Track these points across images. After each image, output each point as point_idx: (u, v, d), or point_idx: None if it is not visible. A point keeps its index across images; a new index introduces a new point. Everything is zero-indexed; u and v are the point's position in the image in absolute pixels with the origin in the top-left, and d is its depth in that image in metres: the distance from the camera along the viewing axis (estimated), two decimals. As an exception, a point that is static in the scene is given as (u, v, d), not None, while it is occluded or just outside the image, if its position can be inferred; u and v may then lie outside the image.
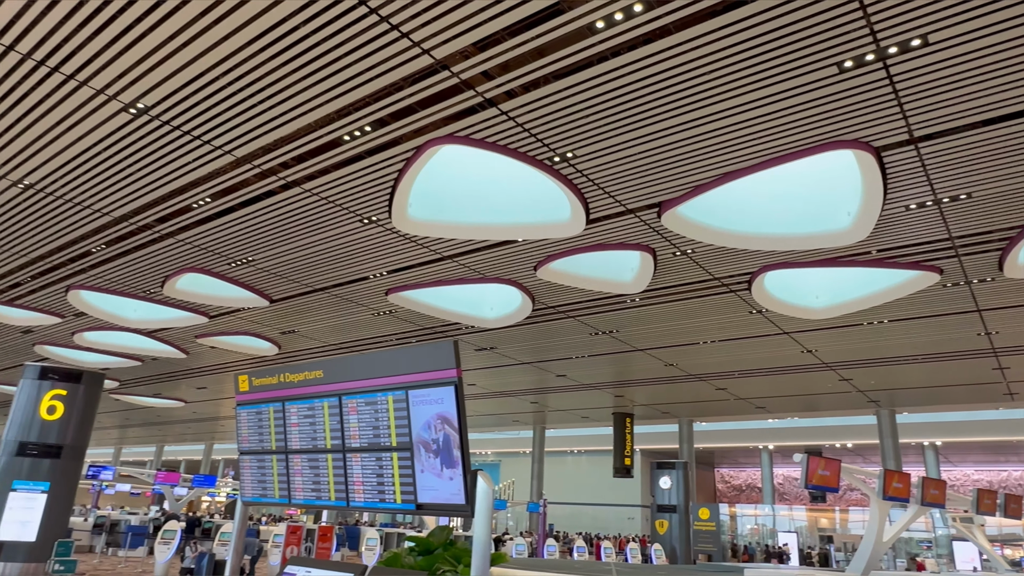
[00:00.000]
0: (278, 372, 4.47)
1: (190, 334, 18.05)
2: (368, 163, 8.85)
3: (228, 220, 10.93)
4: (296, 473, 4.30)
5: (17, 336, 19.34)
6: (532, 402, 27.56)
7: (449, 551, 5.34)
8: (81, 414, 10.41)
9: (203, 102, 7.80)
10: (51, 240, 12.27)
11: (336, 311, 15.53)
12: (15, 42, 6.93)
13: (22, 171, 9.74)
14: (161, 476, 26.88)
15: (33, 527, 9.94)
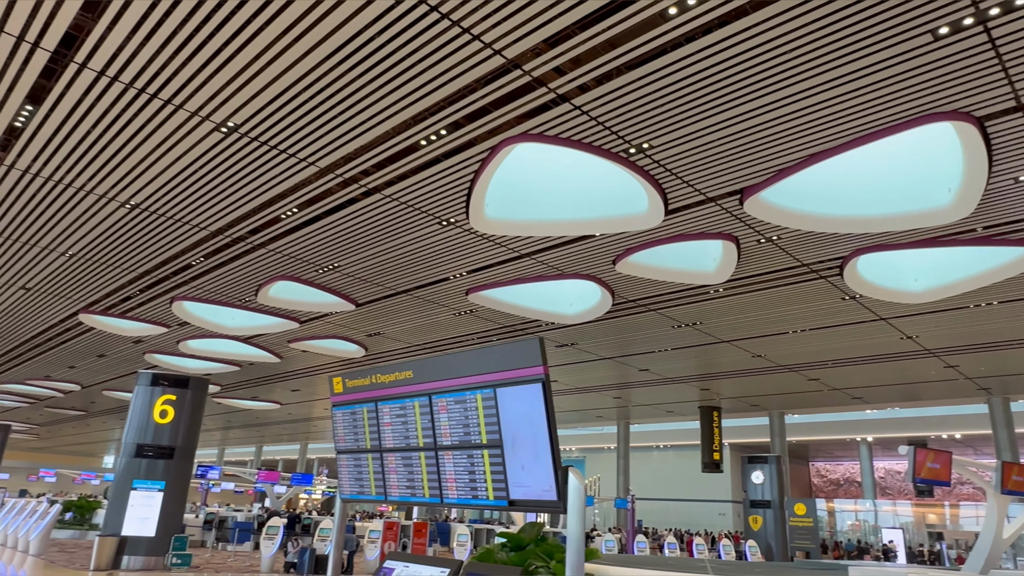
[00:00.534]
0: (370, 373, 4.63)
1: (283, 339, 18.90)
2: (444, 166, 9.00)
3: (314, 229, 11.37)
4: (391, 471, 4.45)
5: (129, 346, 20.79)
6: (615, 397, 27.32)
7: (540, 547, 5.37)
8: (189, 417, 11.13)
9: (287, 117, 8.15)
10: (156, 255, 13.12)
11: (419, 312, 15.88)
12: (119, 72, 7.45)
13: (128, 192, 10.46)
14: (262, 475, 28.29)
15: (152, 523, 10.71)
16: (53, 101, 8.07)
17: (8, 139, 9.03)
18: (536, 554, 5.20)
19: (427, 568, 4.08)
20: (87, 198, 10.72)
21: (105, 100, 8.00)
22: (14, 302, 16.81)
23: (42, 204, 11.04)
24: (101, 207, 11.03)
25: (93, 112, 8.27)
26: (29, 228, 12.08)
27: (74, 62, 7.30)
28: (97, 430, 47.54)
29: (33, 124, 8.61)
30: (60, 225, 11.87)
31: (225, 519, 16.38)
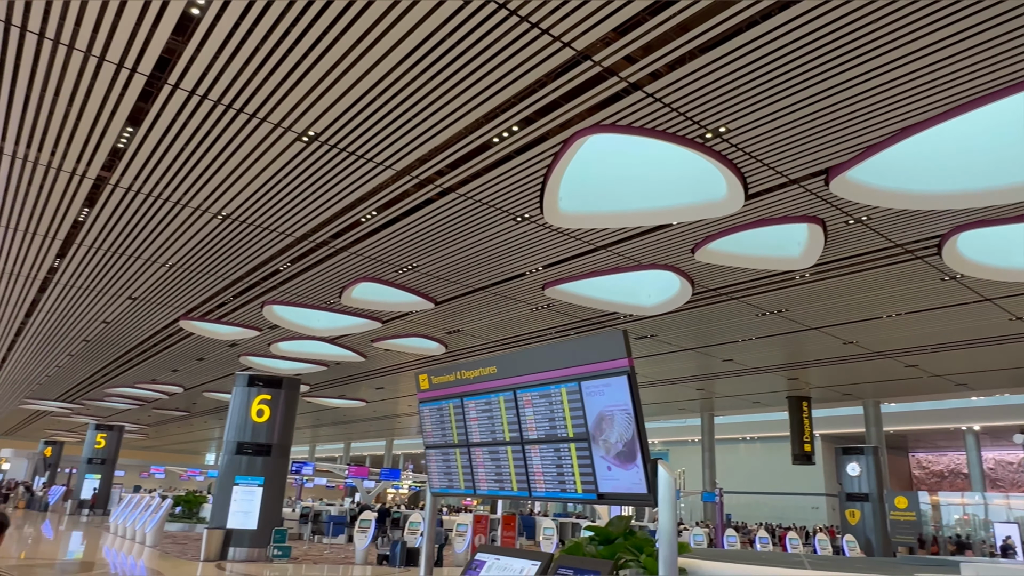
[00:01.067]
0: (455, 370, 4.72)
1: (366, 339, 19.48)
2: (517, 162, 9.04)
3: (393, 230, 11.66)
4: (479, 465, 4.52)
5: (225, 349, 21.94)
6: (698, 389, 26.73)
7: (629, 540, 5.33)
8: (284, 416, 11.68)
9: (363, 123, 8.38)
10: (246, 262, 13.79)
11: (496, 308, 16.03)
12: (208, 90, 7.86)
13: (220, 204, 11.03)
14: (352, 470, 29.35)
15: (253, 516, 11.30)
16: (150, 122, 8.61)
17: (112, 160, 9.70)
18: (625, 548, 5.17)
19: (518, 561, 4.12)
20: (183, 211, 11.38)
21: (196, 117, 8.46)
22: (123, 312, 18.05)
23: (144, 219, 11.79)
24: (195, 219, 11.68)
25: (186, 130, 8.77)
26: (133, 242, 12.93)
27: (168, 83, 7.76)
28: (199, 429, 50.48)
29: (134, 144, 9.21)
30: (160, 238, 12.65)
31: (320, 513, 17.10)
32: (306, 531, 16.28)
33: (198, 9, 6.51)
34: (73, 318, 19.03)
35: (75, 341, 21.98)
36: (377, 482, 29.87)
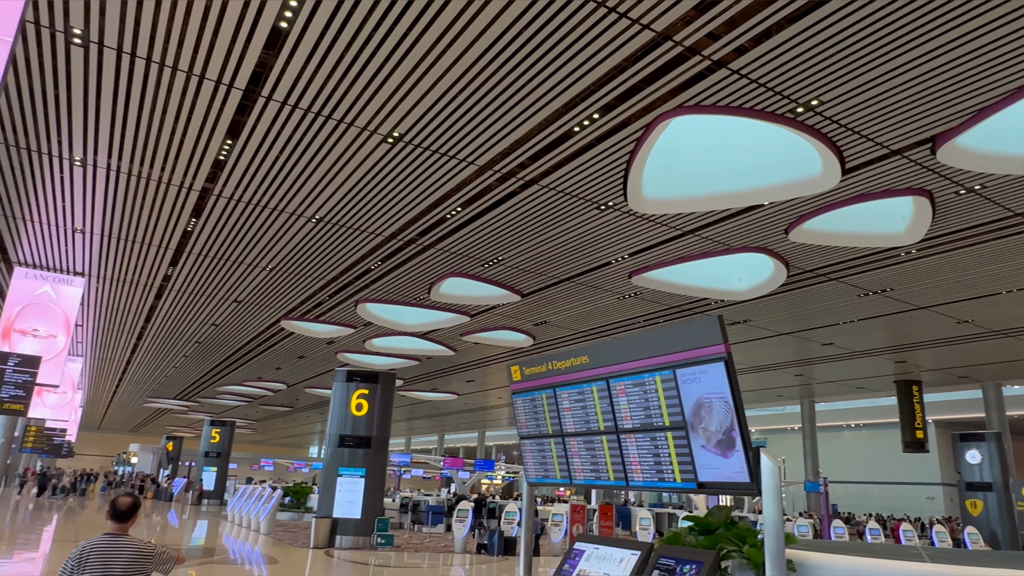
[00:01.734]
0: (546, 360, 4.74)
1: (456, 333, 19.86)
2: (599, 150, 8.95)
3: (477, 225, 11.81)
4: (574, 455, 4.53)
5: (323, 347, 22.94)
6: (796, 375, 25.67)
7: (731, 531, 5.20)
8: (381, 409, 12.10)
9: (445, 121, 8.53)
10: (340, 263, 14.34)
11: (583, 299, 15.96)
12: (298, 100, 8.22)
13: (313, 208, 11.52)
14: (448, 462, 30.04)
15: (357, 506, 11.80)
16: (247, 133, 9.09)
17: (215, 172, 10.31)
18: (727, 538, 5.05)
19: (617, 550, 4.11)
20: (280, 217, 11.96)
21: (288, 126, 8.86)
22: (230, 314, 19.18)
23: (245, 226, 12.48)
24: (292, 223, 12.25)
25: (280, 139, 9.21)
26: (236, 248, 13.71)
27: (261, 96, 8.16)
28: (302, 424, 53.05)
29: (233, 156, 9.75)
30: (260, 243, 13.35)
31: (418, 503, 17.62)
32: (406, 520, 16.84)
33: (286, 23, 6.81)
34: (186, 322, 20.40)
35: (189, 343, 23.57)
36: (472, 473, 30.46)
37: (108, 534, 3.03)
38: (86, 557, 2.91)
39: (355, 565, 9.60)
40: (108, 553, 2.89)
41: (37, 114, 8.92)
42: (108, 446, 66.08)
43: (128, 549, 2.96)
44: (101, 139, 9.45)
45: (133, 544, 3.01)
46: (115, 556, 2.90)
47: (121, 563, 2.89)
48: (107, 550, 2.89)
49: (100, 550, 2.91)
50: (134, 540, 3.05)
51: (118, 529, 3.03)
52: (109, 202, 11.66)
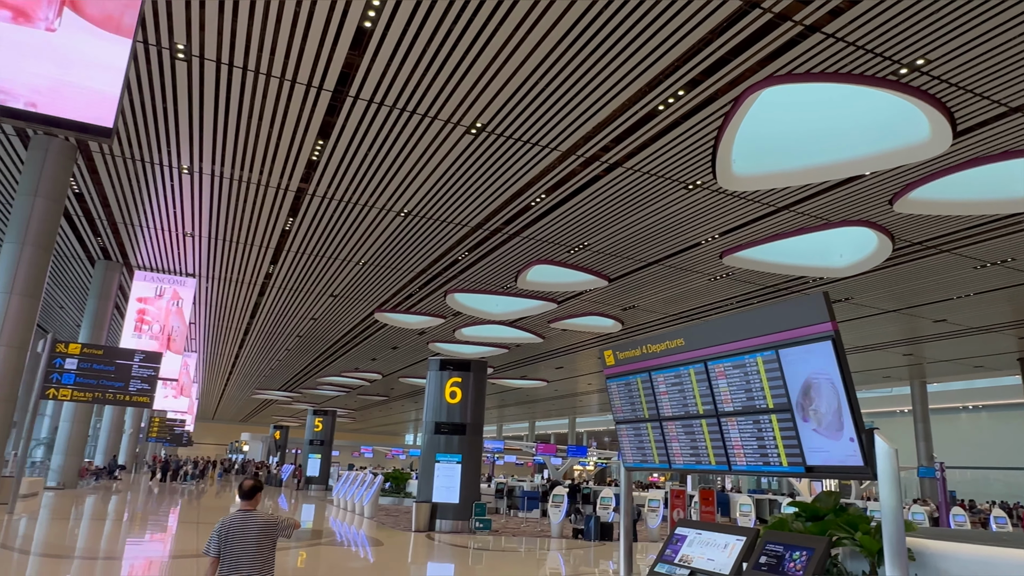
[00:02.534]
0: (640, 344, 4.67)
1: (543, 320, 19.92)
2: (685, 128, 8.71)
3: (562, 211, 11.77)
4: (672, 439, 4.45)
5: (415, 337, 23.57)
6: (905, 354, 24.18)
7: (841, 517, 4.97)
8: (474, 397, 12.33)
9: (526, 108, 8.52)
10: (428, 255, 14.66)
11: (671, 281, 15.64)
12: (383, 97, 8.43)
13: (401, 202, 11.81)
14: (541, 448, 30.28)
15: (455, 491, 12.11)
16: (337, 133, 9.41)
17: (309, 172, 10.75)
18: (837, 525, 4.84)
19: (721, 536, 4.01)
20: (370, 212, 12.34)
21: (375, 124, 9.12)
22: (327, 308, 20.02)
23: (337, 222, 12.96)
24: (381, 219, 12.62)
25: (368, 136, 9.48)
26: (331, 244, 14.27)
27: (349, 96, 8.43)
28: (397, 412, 54.80)
29: (325, 156, 10.14)
30: (353, 239, 13.84)
31: (513, 488, 17.87)
32: (501, 505, 17.13)
33: (370, 22, 6.99)
34: (287, 316, 21.46)
35: (290, 337, 24.79)
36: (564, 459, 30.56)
37: (240, 510, 3.78)
38: (226, 529, 3.69)
39: (456, 548, 9.85)
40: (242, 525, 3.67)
41: (149, 127, 9.58)
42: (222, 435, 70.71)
43: (256, 521, 3.72)
44: (205, 147, 10.04)
45: (260, 516, 3.76)
46: (247, 527, 3.67)
47: (253, 532, 3.66)
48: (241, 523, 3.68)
49: (236, 523, 3.72)
50: (260, 513, 3.79)
51: (247, 506, 3.79)
52: (214, 206, 12.39)
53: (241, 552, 3.56)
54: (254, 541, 3.61)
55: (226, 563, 3.54)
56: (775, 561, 3.57)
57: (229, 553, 3.57)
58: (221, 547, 3.64)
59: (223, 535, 3.65)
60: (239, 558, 3.55)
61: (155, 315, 16.35)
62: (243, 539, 3.60)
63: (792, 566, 3.49)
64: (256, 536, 3.62)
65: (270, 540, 3.67)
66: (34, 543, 7.90)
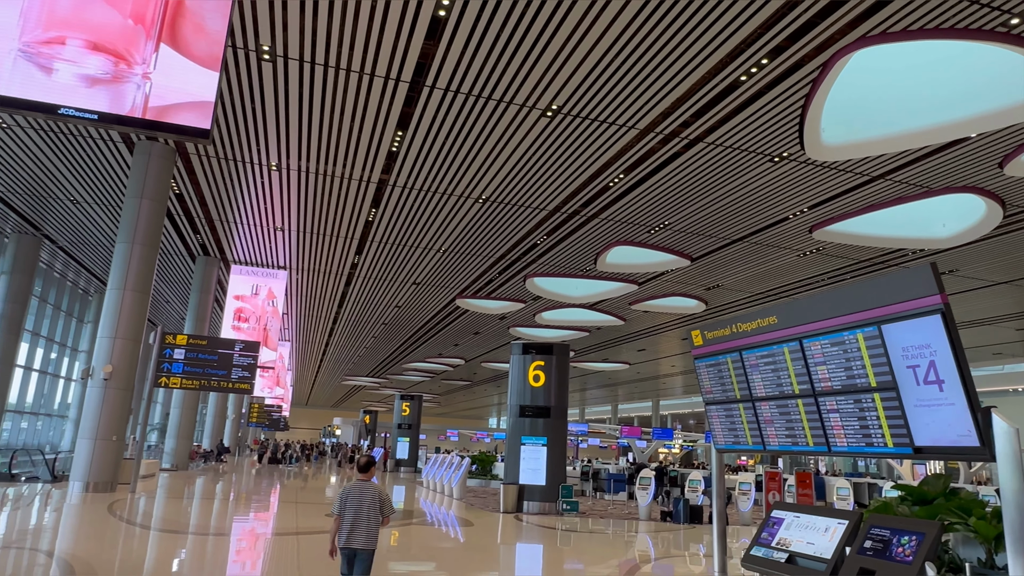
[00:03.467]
0: (730, 323, 4.53)
1: (624, 302, 19.71)
2: (770, 97, 8.35)
3: (641, 191, 11.57)
4: (766, 420, 4.31)
5: (496, 322, 23.83)
6: (1019, 329, 22.48)
7: (952, 502, 4.70)
8: (557, 380, 12.37)
9: (602, 87, 8.39)
10: (507, 240, 14.75)
11: (757, 259, 15.12)
12: (459, 85, 8.50)
13: (479, 189, 11.92)
14: (625, 430, 30.06)
15: (541, 473, 12.21)
16: (415, 123, 9.57)
17: (389, 163, 11.00)
18: (948, 509, 4.58)
19: (821, 519, 3.87)
20: (449, 200, 12.52)
21: (452, 112, 9.21)
22: (410, 296, 20.52)
23: (418, 211, 13.22)
24: (460, 206, 12.79)
25: (445, 125, 9.60)
26: (412, 233, 14.58)
27: (426, 85, 8.54)
28: (481, 396, 55.68)
29: (404, 146, 10.34)
30: (433, 227, 14.09)
31: (599, 471, 17.86)
32: (587, 488, 17.16)
33: (444, 11, 7.04)
34: (373, 305, 22.15)
35: (376, 325, 25.59)
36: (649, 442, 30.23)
37: (358, 480, 4.51)
38: (346, 494, 4.43)
39: (545, 529, 9.96)
40: (359, 492, 4.40)
41: (239, 128, 10.04)
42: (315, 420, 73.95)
43: (370, 490, 4.42)
44: (291, 144, 10.44)
45: (373, 487, 4.45)
46: (363, 494, 4.40)
47: (367, 499, 4.38)
48: (358, 491, 4.41)
49: (354, 490, 4.42)
50: (374, 485, 4.48)
51: (363, 478, 4.52)
52: (301, 200, 12.89)
53: (356, 513, 4.32)
54: (366, 506, 4.35)
55: (345, 521, 4.33)
56: (881, 546, 3.41)
57: (347, 513, 4.34)
58: (342, 508, 4.36)
59: (344, 499, 4.38)
60: (354, 518, 4.31)
61: (251, 311, 17.23)
62: (359, 503, 4.36)
63: (900, 551, 3.32)
64: (368, 502, 4.36)
65: (377, 508, 4.38)
66: (153, 519, 8.56)
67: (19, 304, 17.23)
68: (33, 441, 20.99)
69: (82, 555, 6.02)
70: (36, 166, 12.15)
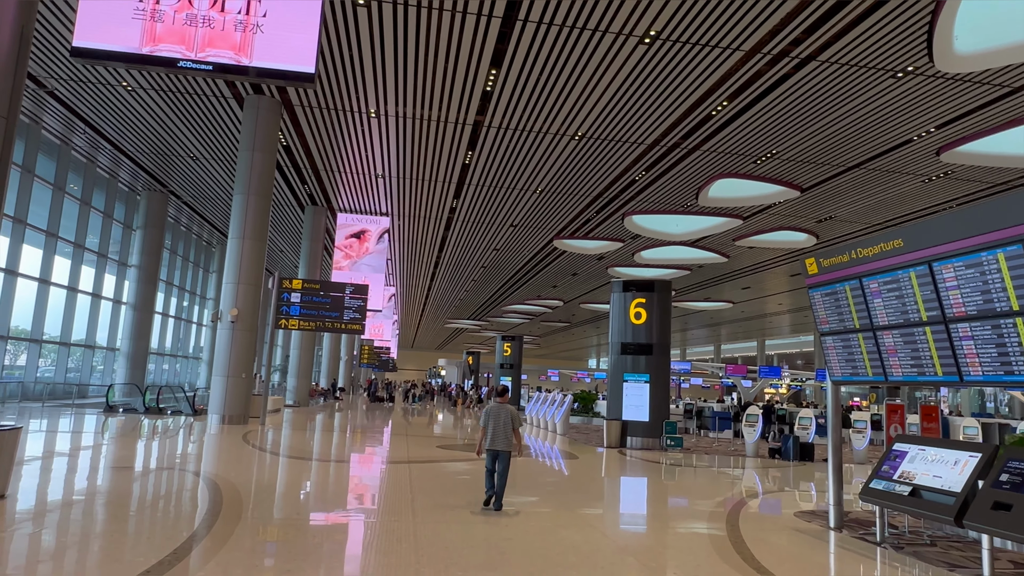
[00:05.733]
0: (848, 249, 4.26)
1: (727, 238, 19.02)
2: (893, 5, 7.60)
3: (747, 118, 10.97)
4: (889, 350, 4.05)
5: (594, 263, 23.69)
6: None
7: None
8: (659, 317, 12.21)
9: (703, 8, 7.91)
10: (604, 178, 14.47)
11: (876, 187, 14.09)
12: (552, 17, 8.25)
13: (574, 126, 11.69)
14: (730, 368, 29.50)
15: (644, 410, 12.23)
16: (509, 60, 9.44)
17: (484, 104, 10.96)
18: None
19: (949, 452, 3.64)
20: (544, 139, 12.38)
21: (546, 46, 9.00)
22: (508, 239, 20.69)
23: (514, 152, 13.17)
24: (556, 144, 12.61)
25: (539, 60, 9.40)
26: (508, 174, 14.58)
27: (518, 20, 8.36)
28: (579, 338, 56.02)
29: (498, 85, 10.25)
30: (529, 167, 14.02)
31: (702, 409, 17.66)
32: (691, 426, 17.03)
33: (536, -63, 6.80)
34: (472, 248, 22.52)
35: (475, 268, 26.07)
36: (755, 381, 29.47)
37: (497, 403, 5.96)
38: (488, 412, 5.88)
39: (649, 463, 10.04)
40: (497, 411, 5.86)
41: (339, 76, 10.27)
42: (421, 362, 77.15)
43: (505, 409, 5.87)
44: (388, 89, 10.58)
45: (508, 408, 5.91)
46: (500, 412, 5.84)
47: (503, 416, 5.82)
48: (497, 410, 5.87)
49: (494, 409, 5.90)
50: (508, 406, 5.94)
51: (501, 401, 5.99)
52: (400, 146, 13.13)
53: (495, 425, 5.76)
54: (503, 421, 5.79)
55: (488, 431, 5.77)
56: (1020, 479, 3.19)
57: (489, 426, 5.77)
58: (486, 422, 5.80)
59: (487, 416, 5.85)
60: (494, 429, 5.75)
61: (356, 257, 17.96)
62: (497, 418, 5.80)
63: (1041, 485, 3.10)
64: (504, 418, 5.80)
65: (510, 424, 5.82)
66: (282, 447, 9.33)
67: (153, 256, 18.80)
68: (174, 380, 23.18)
69: (224, 475, 6.68)
70: (159, 126, 13.00)
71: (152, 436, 10.20)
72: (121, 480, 6.33)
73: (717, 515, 5.92)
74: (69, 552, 3.88)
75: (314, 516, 5.31)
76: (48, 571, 3.47)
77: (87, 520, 4.66)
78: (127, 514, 4.93)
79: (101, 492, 5.78)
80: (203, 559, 3.77)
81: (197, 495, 5.75)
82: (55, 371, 16.98)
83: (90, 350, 18.28)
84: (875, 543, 4.53)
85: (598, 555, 4.31)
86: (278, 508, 5.47)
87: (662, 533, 5.45)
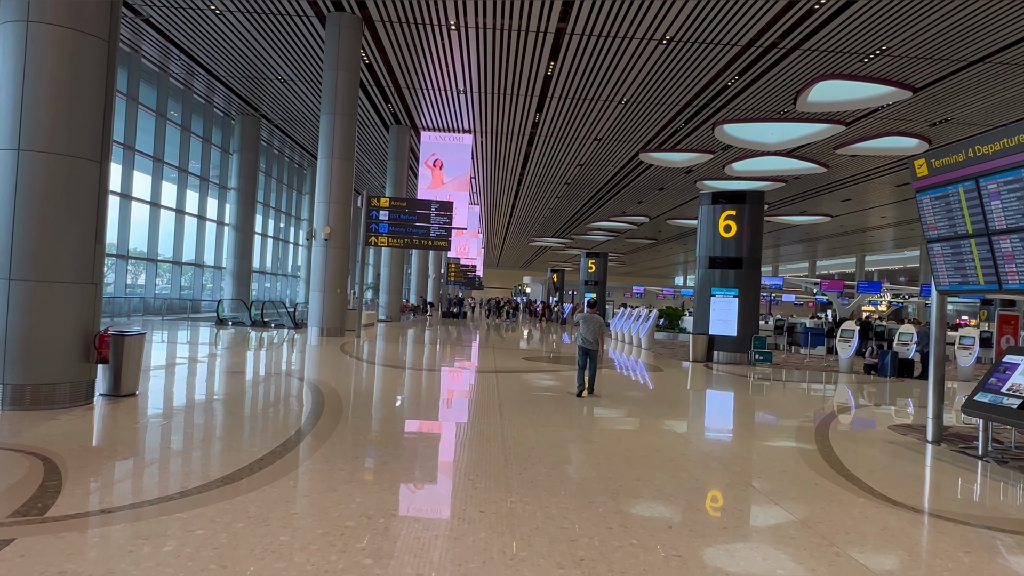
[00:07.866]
0: (964, 148, 3.90)
1: (827, 146, 17.85)
2: None
3: (854, 11, 10.04)
4: (1005, 256, 3.75)
5: (681, 176, 22.89)
6: None
7: None
8: (750, 229, 11.77)
9: None
10: (693, 85, 13.75)
11: (999, 84, 12.73)
12: (640, -92, 7.69)
13: (661, 29, 11.06)
14: (826, 284, 28.30)
15: (732, 325, 12.01)
16: (593, -40, 8.95)
17: (566, 9, 10.51)
18: None
19: (1067, 362, 3.41)
20: (631, 45, 11.80)
21: (632, -59, 8.45)
22: (592, 153, 20.23)
23: (597, 60, 12.66)
24: (642, 50, 12.02)
25: (624, -42, 8.86)
26: (592, 85, 14.09)
27: (603, -87, 7.85)
28: (665, 255, 54.98)
29: (581, -12, 9.77)
30: (614, 76, 13.47)
31: (794, 325, 17.12)
32: (781, 342, 16.59)
33: None
34: (555, 164, 22.19)
35: (559, 184, 25.75)
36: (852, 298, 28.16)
37: (588, 311, 7.37)
38: (581, 317, 7.36)
39: (736, 377, 9.94)
40: (587, 318, 7.27)
41: (418, -13, 10.06)
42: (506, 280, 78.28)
43: (594, 317, 7.26)
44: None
45: (595, 316, 7.30)
46: (590, 319, 7.25)
47: (593, 324, 7.22)
48: (587, 317, 7.29)
49: (584, 316, 7.32)
50: (596, 316, 7.31)
51: (591, 311, 7.40)
52: (480, 59, 12.89)
53: (586, 331, 7.17)
54: (591, 328, 7.17)
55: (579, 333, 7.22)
56: None
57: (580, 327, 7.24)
58: (579, 321, 7.31)
59: (581, 318, 7.32)
60: (584, 334, 7.16)
61: (441, 174, 18.08)
62: (587, 324, 7.20)
63: None
64: (593, 326, 7.19)
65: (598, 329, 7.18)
66: (377, 357, 9.86)
67: (250, 179, 19.64)
68: (276, 297, 24.63)
69: (326, 380, 7.17)
70: (248, 49, 13.28)
71: (260, 346, 10.99)
72: (235, 383, 6.92)
73: (805, 427, 5.85)
74: (193, 442, 4.33)
75: (408, 417, 5.65)
76: (178, 456, 3.90)
77: (208, 416, 5.15)
78: (242, 412, 5.42)
79: (219, 393, 6.34)
80: (309, 451, 4.11)
81: (302, 397, 6.22)
82: (171, 288, 18.37)
83: (200, 269, 19.61)
84: (976, 456, 4.37)
85: (682, 459, 4.39)
86: (376, 409, 5.85)
87: (747, 441, 5.46)
